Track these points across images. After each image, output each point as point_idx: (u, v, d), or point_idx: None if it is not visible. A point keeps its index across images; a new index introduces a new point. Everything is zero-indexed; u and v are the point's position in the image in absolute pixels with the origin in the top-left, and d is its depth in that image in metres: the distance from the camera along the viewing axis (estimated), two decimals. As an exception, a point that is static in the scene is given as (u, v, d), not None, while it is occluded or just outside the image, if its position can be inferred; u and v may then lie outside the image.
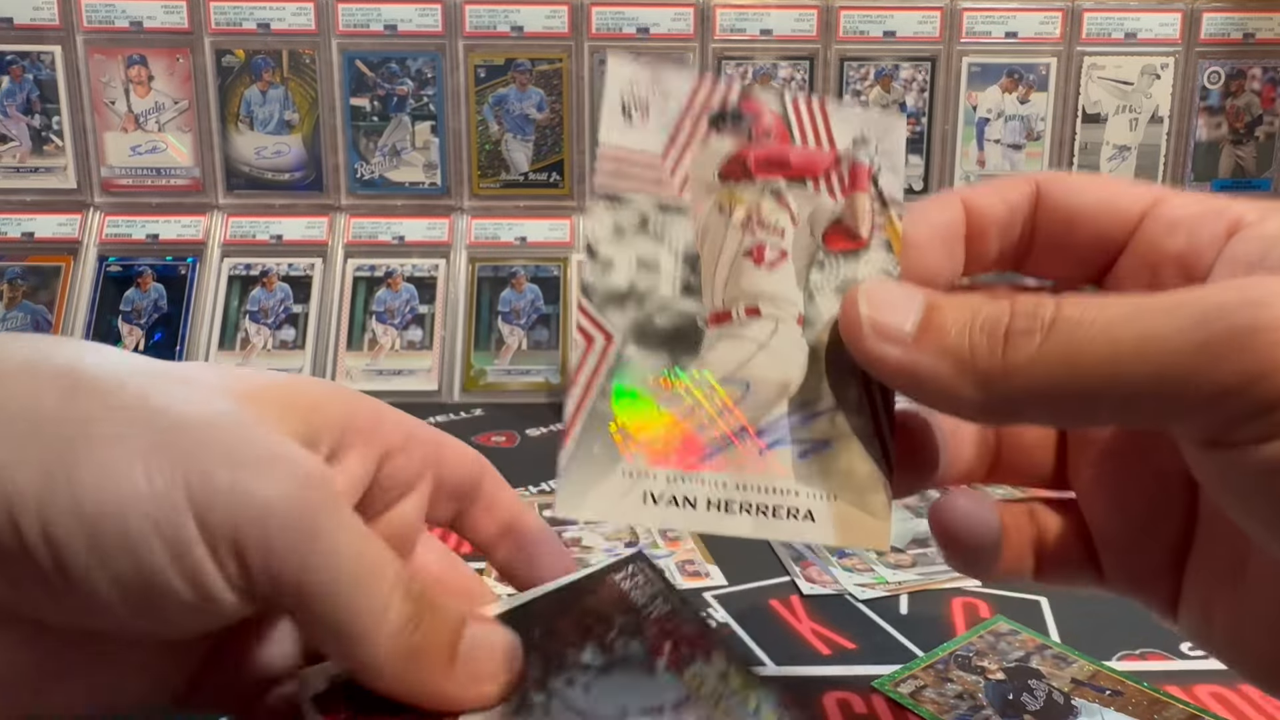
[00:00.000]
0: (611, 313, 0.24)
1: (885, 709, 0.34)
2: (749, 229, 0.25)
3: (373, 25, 0.87)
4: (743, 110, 0.25)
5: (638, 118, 0.25)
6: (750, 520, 0.24)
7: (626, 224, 0.24)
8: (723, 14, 0.88)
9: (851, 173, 0.26)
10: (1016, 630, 0.40)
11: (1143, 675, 0.36)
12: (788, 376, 0.24)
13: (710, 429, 0.24)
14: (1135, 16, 0.90)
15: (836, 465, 0.24)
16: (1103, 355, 0.19)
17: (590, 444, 0.23)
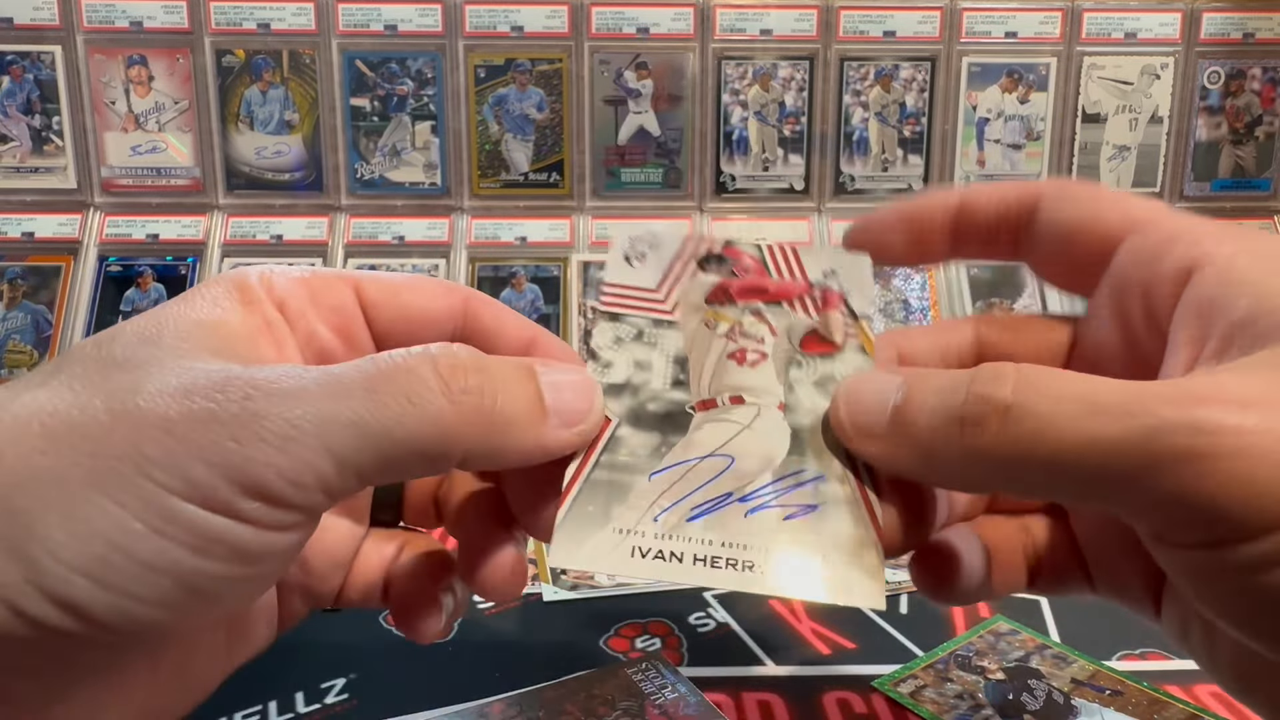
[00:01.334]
0: (610, 402, 0.27)
1: (885, 709, 0.34)
2: (732, 338, 0.29)
3: (373, 25, 0.87)
4: (725, 255, 0.30)
5: (637, 264, 0.30)
6: (735, 575, 0.25)
7: (625, 335, 0.29)
8: (723, 14, 0.88)
9: (823, 297, 0.29)
10: (1016, 630, 0.40)
11: (1143, 675, 0.36)
12: (771, 452, 0.27)
13: (695, 495, 0.26)
14: (1135, 16, 0.90)
15: (824, 527, 0.26)
16: (1052, 452, 0.20)
17: (585, 505, 0.26)
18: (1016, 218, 0.28)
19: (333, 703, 0.35)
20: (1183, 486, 0.19)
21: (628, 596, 0.43)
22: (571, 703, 0.33)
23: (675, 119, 0.89)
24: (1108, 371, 0.23)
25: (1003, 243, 0.29)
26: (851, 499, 0.26)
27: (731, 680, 0.36)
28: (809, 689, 0.36)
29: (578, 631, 0.40)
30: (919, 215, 0.29)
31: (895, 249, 0.30)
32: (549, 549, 0.25)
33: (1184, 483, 0.19)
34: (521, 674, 0.36)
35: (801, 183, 0.91)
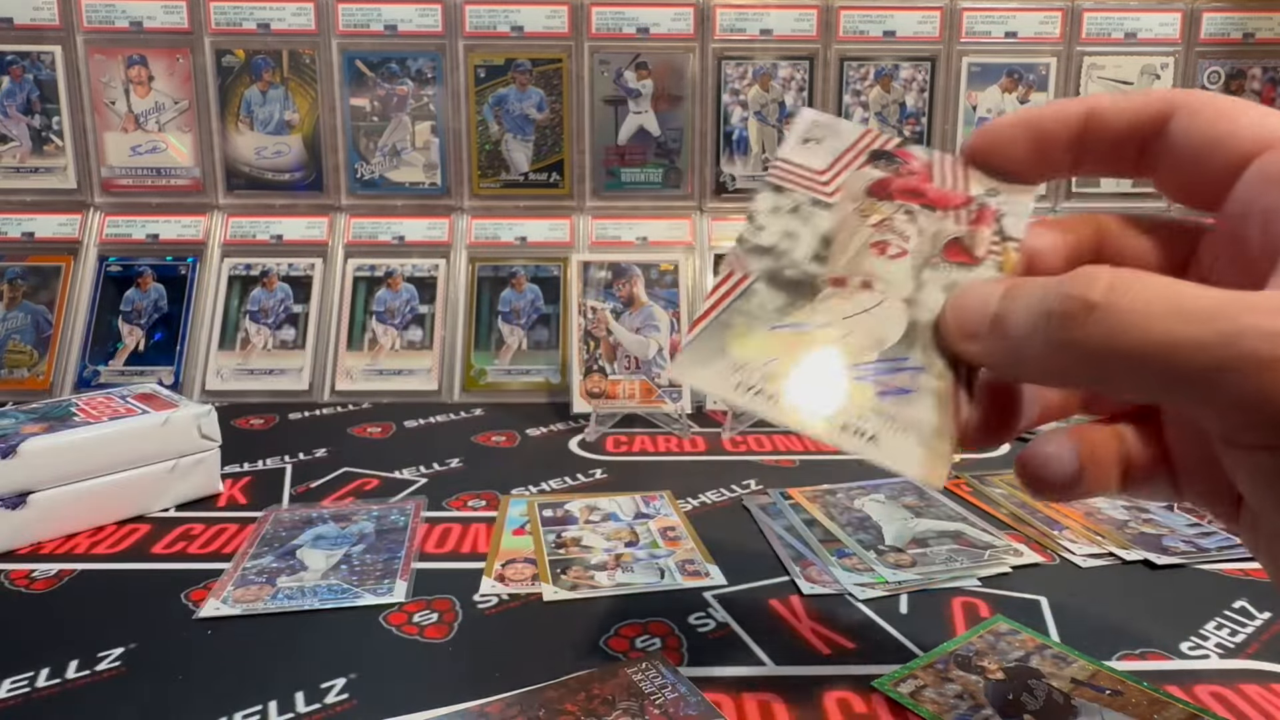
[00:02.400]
0: (753, 259, 0.31)
1: (885, 709, 0.34)
2: (879, 229, 0.31)
3: (373, 25, 0.87)
4: (896, 155, 0.32)
5: (813, 145, 0.32)
6: (824, 425, 0.28)
7: (783, 206, 0.32)
8: (723, 14, 0.88)
9: (979, 212, 0.30)
10: (1016, 630, 0.40)
11: (1143, 675, 0.36)
12: (884, 336, 0.29)
13: (806, 353, 0.29)
14: (1135, 16, 0.90)
15: (911, 409, 0.29)
16: (1133, 348, 0.22)
17: (711, 337, 0.30)
18: (1147, 130, 0.27)
19: (333, 703, 0.35)
20: (1258, 390, 0.20)
21: (628, 597, 0.43)
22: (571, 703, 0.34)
23: (675, 119, 0.89)
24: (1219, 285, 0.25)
25: (1128, 157, 0.28)
26: (942, 394, 0.29)
27: (731, 680, 0.36)
28: (809, 689, 0.36)
29: (578, 631, 0.40)
30: (1044, 124, 0.29)
31: (1017, 159, 0.30)
32: (670, 364, 0.29)
33: (1259, 386, 0.20)
34: (521, 674, 0.36)
35: (801, 183, 0.91)
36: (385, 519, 0.53)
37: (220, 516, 0.54)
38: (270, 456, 0.65)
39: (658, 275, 0.79)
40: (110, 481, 0.52)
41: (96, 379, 0.81)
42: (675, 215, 0.90)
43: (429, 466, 0.63)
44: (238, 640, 0.40)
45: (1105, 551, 0.48)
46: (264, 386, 0.81)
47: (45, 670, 0.37)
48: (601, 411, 0.73)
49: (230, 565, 0.47)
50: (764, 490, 0.58)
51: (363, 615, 0.42)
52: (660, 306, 0.78)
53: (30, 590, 0.45)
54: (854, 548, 0.48)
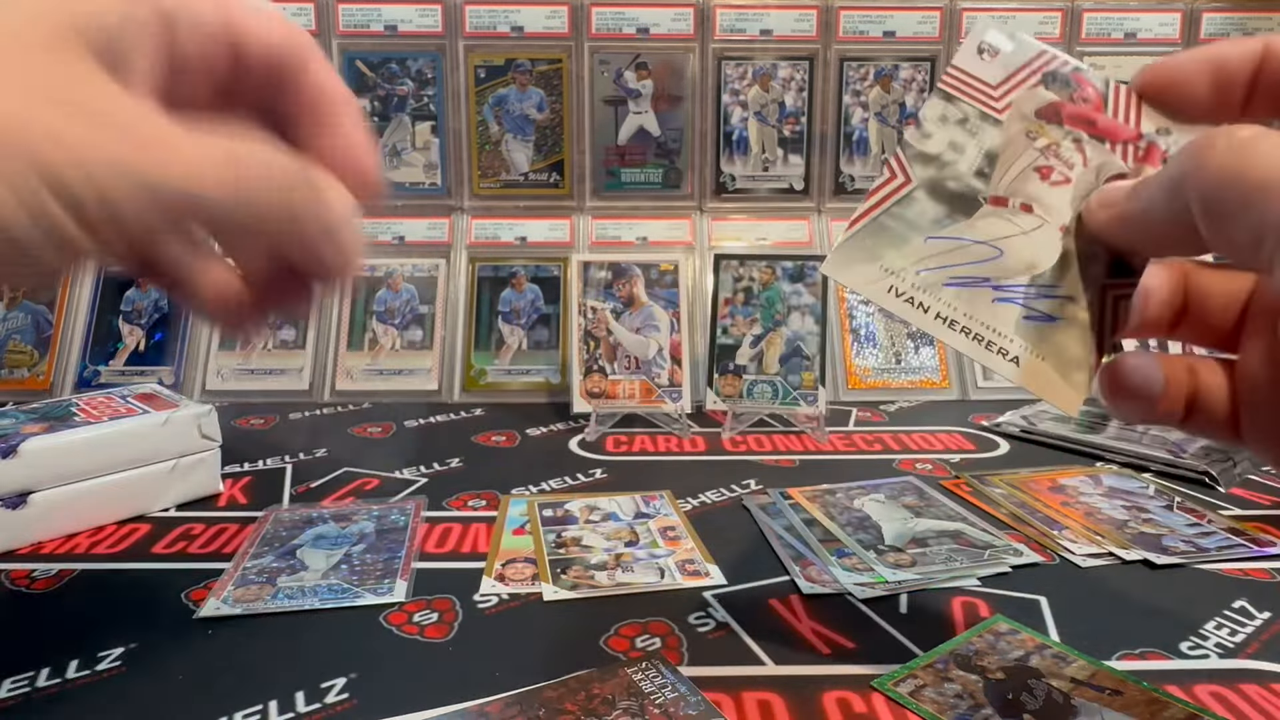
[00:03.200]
0: (917, 166, 0.31)
1: (885, 708, 0.34)
2: (1045, 154, 0.31)
3: (373, 25, 0.87)
4: (1072, 79, 0.32)
5: (988, 58, 0.32)
6: (965, 341, 0.30)
7: (951, 117, 0.32)
8: (723, 14, 0.88)
9: (1147, 150, 0.30)
10: (1016, 630, 0.40)
11: (1142, 675, 0.36)
12: (1037, 261, 0.30)
13: (958, 267, 0.30)
14: (1135, 16, 0.90)
15: (1054, 337, 0.29)
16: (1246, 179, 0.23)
17: (865, 238, 0.31)
18: None
19: (333, 703, 0.35)
20: None
21: (628, 597, 0.43)
22: (571, 702, 0.34)
23: (675, 119, 0.89)
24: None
25: None
26: (1088, 324, 0.30)
27: (731, 680, 0.36)
28: (809, 689, 0.36)
29: (578, 631, 0.40)
30: (1226, 61, 0.28)
31: (1196, 98, 0.29)
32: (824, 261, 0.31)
33: None
34: (521, 674, 0.36)
35: (801, 183, 0.91)
36: (385, 519, 0.53)
37: (220, 516, 0.54)
38: (270, 456, 0.65)
39: (658, 275, 0.79)
40: (110, 481, 0.52)
41: (97, 379, 0.81)
42: (675, 215, 0.90)
43: (429, 466, 0.63)
44: (238, 640, 0.40)
45: (1105, 551, 0.48)
46: (264, 386, 0.81)
47: (45, 670, 0.37)
48: (601, 411, 0.73)
49: (230, 565, 0.47)
50: (764, 490, 0.58)
51: (363, 615, 0.42)
52: (660, 306, 0.78)
53: (30, 590, 0.45)
54: (854, 547, 0.48)
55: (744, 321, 0.79)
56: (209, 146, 0.25)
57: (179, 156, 0.24)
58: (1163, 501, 0.56)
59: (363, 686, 0.36)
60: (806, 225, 0.90)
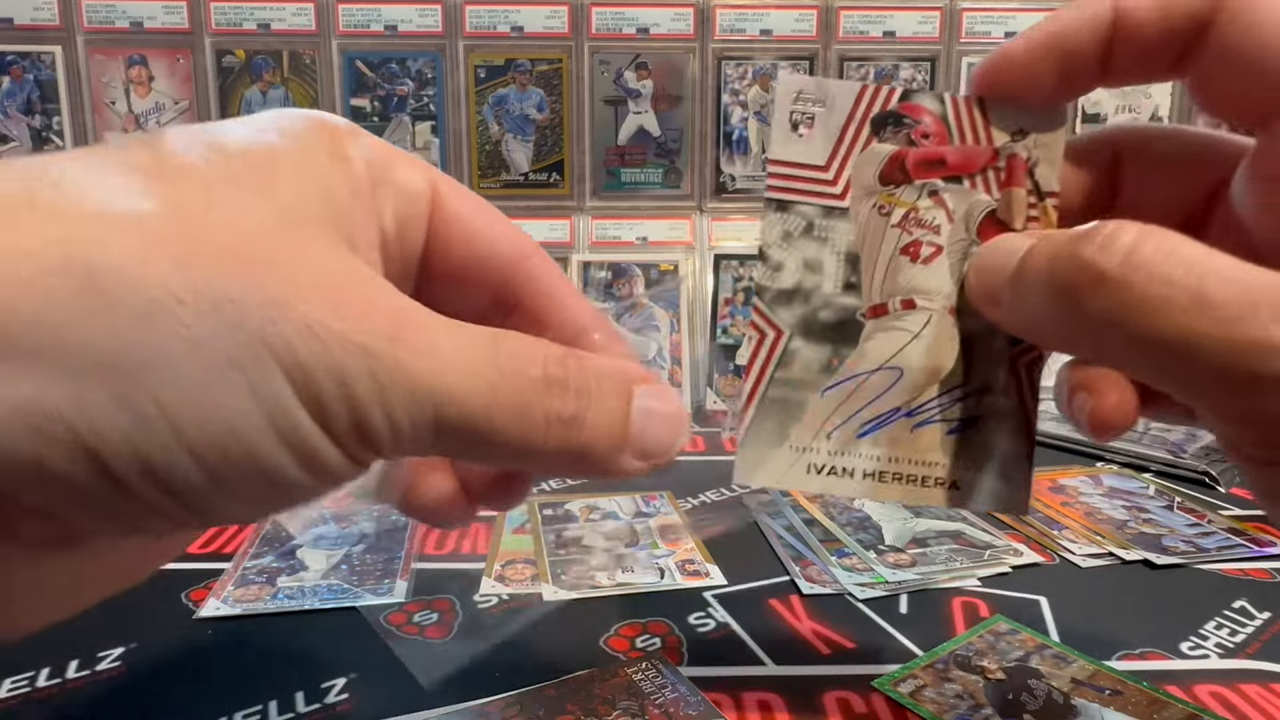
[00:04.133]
0: (781, 310, 0.28)
1: (885, 709, 0.34)
2: (906, 227, 0.28)
3: (373, 25, 0.87)
4: (903, 114, 0.28)
5: (804, 130, 0.28)
6: (901, 489, 0.27)
7: (794, 229, 0.28)
8: (723, 14, 0.88)
9: (1009, 167, 0.27)
10: (1016, 630, 0.40)
11: (1142, 675, 0.36)
12: (939, 363, 0.27)
13: (865, 411, 0.27)
14: (1135, 16, 0.90)
15: (981, 440, 0.27)
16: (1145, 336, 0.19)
17: (763, 423, 0.28)
18: (1186, 32, 0.23)
19: (333, 703, 0.35)
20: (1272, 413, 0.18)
21: (628, 596, 0.43)
22: (571, 702, 0.34)
23: (675, 119, 0.89)
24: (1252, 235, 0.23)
25: (1164, 62, 0.24)
26: (1011, 411, 0.27)
27: (731, 680, 0.36)
28: (809, 689, 0.36)
29: (578, 631, 0.40)
30: (1069, 42, 0.24)
31: (1045, 84, 0.25)
32: (734, 467, 0.28)
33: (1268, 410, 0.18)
34: (521, 674, 0.36)
35: (801, 183, 0.91)
36: (385, 519, 0.53)
37: (220, 516, 0.54)
38: (270, 456, 0.65)
39: (658, 275, 0.79)
40: (110, 481, 0.52)
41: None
42: (675, 215, 0.90)
43: (429, 466, 0.63)
44: (238, 640, 0.40)
45: (1105, 551, 0.48)
46: (264, 386, 0.81)
47: (45, 670, 0.37)
48: (601, 411, 0.73)
49: (230, 565, 0.47)
50: (764, 490, 0.58)
51: (363, 615, 0.42)
52: (660, 307, 0.78)
53: (30, 590, 0.45)
54: (854, 548, 0.48)
55: (744, 322, 0.79)
56: (472, 338, 0.20)
57: (436, 349, 0.19)
58: (1163, 501, 0.56)
59: (363, 686, 0.36)
60: (806, 225, 0.90)
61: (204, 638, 0.40)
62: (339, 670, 0.37)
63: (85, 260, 0.16)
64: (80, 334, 0.16)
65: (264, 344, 0.17)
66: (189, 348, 0.17)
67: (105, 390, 0.16)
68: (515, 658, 0.38)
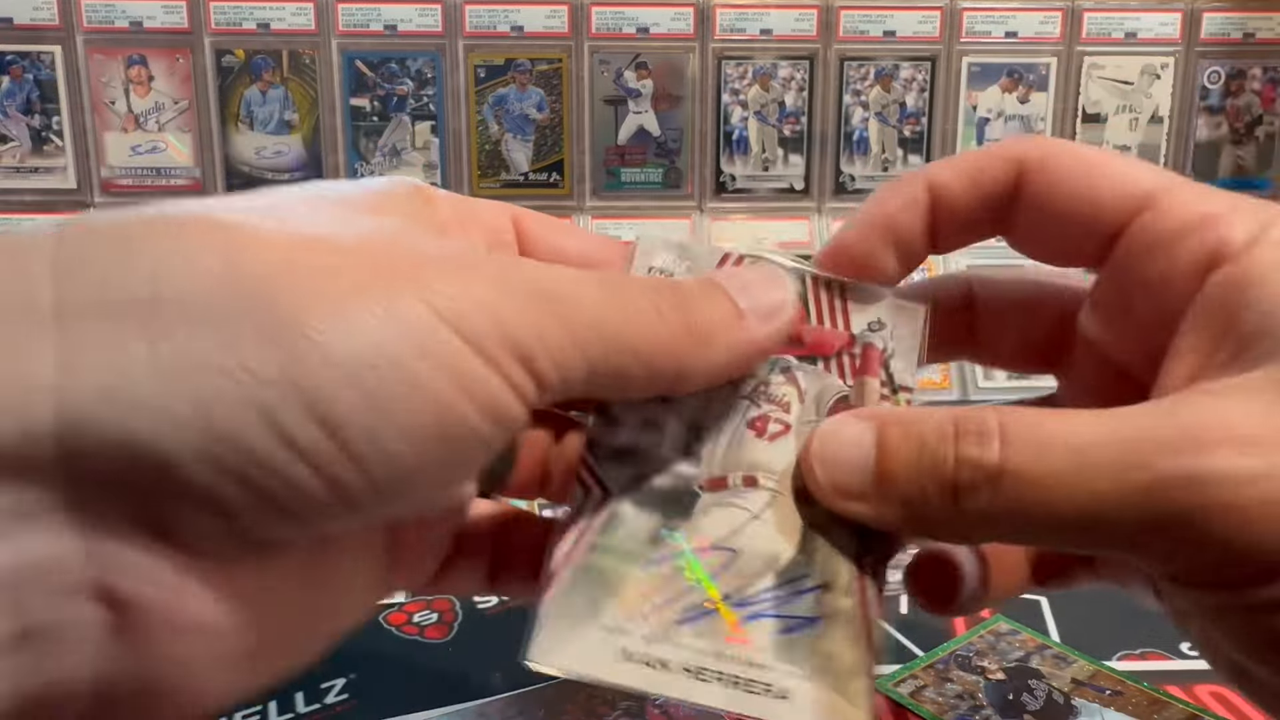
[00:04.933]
0: (612, 468, 0.25)
1: (885, 709, 0.34)
2: (755, 400, 0.25)
3: (373, 25, 0.87)
4: None
5: None
6: (722, 691, 0.23)
7: None
8: (723, 14, 0.88)
9: (864, 355, 0.26)
10: (1016, 630, 0.40)
11: (1143, 675, 0.36)
12: (777, 549, 0.24)
13: (692, 594, 0.24)
14: (1135, 16, 0.90)
15: (819, 646, 0.24)
16: (1049, 514, 0.20)
17: (572, 596, 0.24)
18: (997, 197, 0.24)
19: (333, 703, 0.35)
20: (1189, 539, 0.19)
21: (628, 596, 0.43)
22: (571, 703, 0.33)
23: (675, 119, 0.89)
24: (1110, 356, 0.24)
25: (984, 224, 0.25)
26: (851, 615, 0.24)
27: (731, 680, 0.36)
28: (809, 689, 0.36)
29: (578, 631, 0.40)
30: (895, 221, 0.25)
31: (882, 264, 0.26)
32: (527, 646, 0.24)
33: (1189, 536, 0.19)
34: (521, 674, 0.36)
35: (801, 183, 0.91)
36: (385, 519, 0.53)
37: (220, 516, 0.54)
38: (270, 456, 0.65)
39: (658, 275, 0.79)
40: (110, 481, 0.52)
41: (96, 379, 0.81)
42: (675, 215, 0.90)
43: (429, 466, 0.63)
44: (238, 640, 0.40)
45: (1105, 551, 0.48)
46: (264, 386, 0.81)
47: (45, 670, 0.37)
48: (601, 411, 0.73)
49: (230, 565, 0.47)
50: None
51: (363, 615, 0.42)
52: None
53: (30, 590, 0.45)
54: (854, 548, 0.48)
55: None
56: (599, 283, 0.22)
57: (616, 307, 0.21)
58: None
59: (363, 686, 0.36)
60: (807, 225, 0.90)
61: (204, 638, 0.40)
62: (339, 670, 0.37)
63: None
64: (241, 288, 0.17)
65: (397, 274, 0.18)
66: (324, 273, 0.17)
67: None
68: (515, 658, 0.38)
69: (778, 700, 0.23)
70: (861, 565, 0.24)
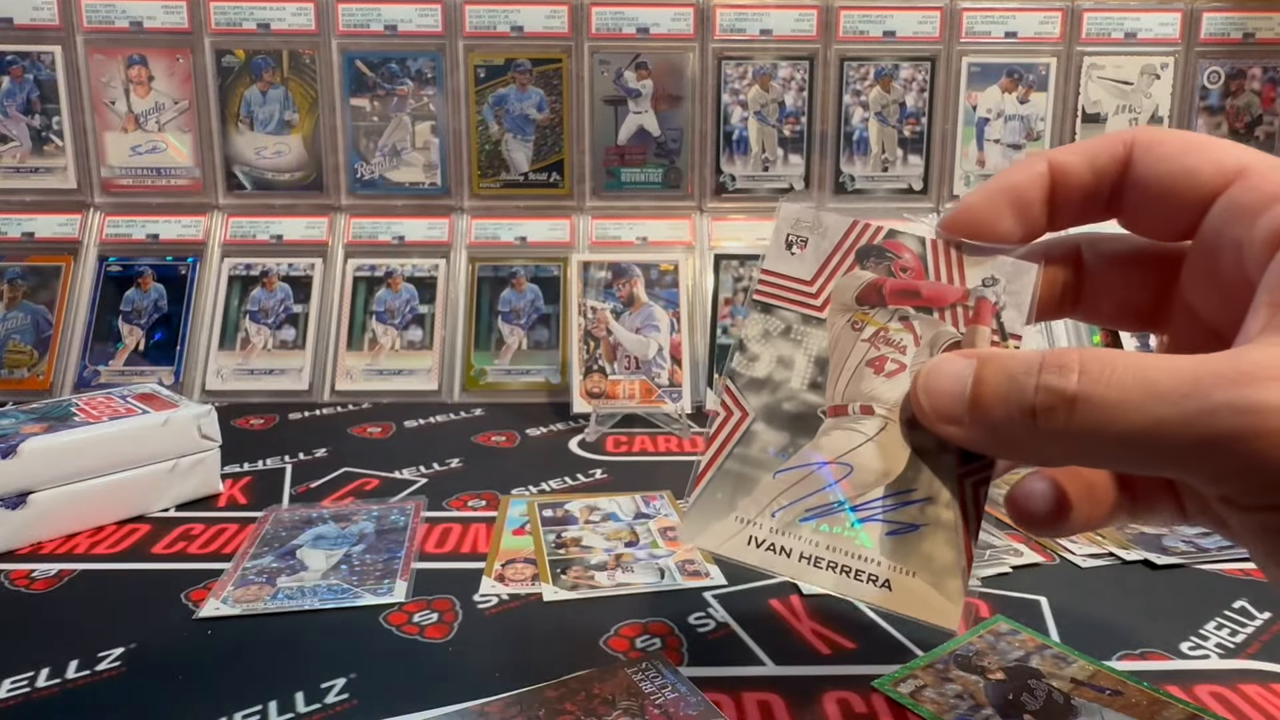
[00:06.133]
0: (750, 395, 0.30)
1: (885, 709, 0.34)
2: (875, 343, 0.30)
3: (373, 25, 0.87)
4: (886, 249, 0.30)
5: (797, 251, 0.31)
6: (833, 577, 0.28)
7: (774, 330, 0.31)
8: (723, 14, 0.88)
9: (977, 307, 0.29)
10: (1016, 630, 0.40)
11: (1143, 675, 0.36)
12: (889, 467, 0.29)
13: (812, 498, 0.29)
14: (1135, 16, 0.90)
15: (920, 548, 0.28)
16: (1117, 435, 0.22)
17: (715, 492, 0.30)
18: (1111, 173, 0.28)
19: (333, 703, 0.35)
20: (1237, 461, 0.21)
21: (628, 597, 0.43)
22: (571, 703, 0.34)
23: (675, 119, 0.89)
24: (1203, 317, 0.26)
25: (1099, 203, 0.29)
26: (952, 524, 0.28)
27: (731, 680, 0.36)
28: (809, 689, 0.36)
29: (578, 631, 0.40)
30: (1018, 186, 0.29)
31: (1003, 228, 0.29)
32: (679, 527, 0.29)
33: (1238, 458, 0.21)
34: (521, 674, 0.36)
35: (801, 183, 0.91)
36: (385, 519, 0.53)
37: (220, 516, 0.54)
38: (270, 456, 0.65)
39: (658, 275, 0.79)
40: (110, 481, 0.52)
41: (96, 379, 0.81)
42: (675, 215, 0.90)
43: (429, 466, 0.63)
44: (238, 640, 0.40)
45: (1105, 551, 0.48)
46: (264, 386, 0.81)
47: (45, 670, 0.37)
48: (601, 411, 0.73)
49: (230, 565, 0.47)
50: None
51: (363, 615, 0.42)
52: (660, 306, 0.78)
53: (30, 590, 0.45)
54: (854, 548, 0.48)
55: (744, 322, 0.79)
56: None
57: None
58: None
59: (363, 686, 0.36)
60: (806, 225, 0.90)
61: (204, 638, 0.40)
62: (339, 670, 0.37)
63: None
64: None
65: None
66: None
67: None
68: (515, 658, 0.38)
69: (881, 589, 0.28)
70: (961, 484, 0.28)
